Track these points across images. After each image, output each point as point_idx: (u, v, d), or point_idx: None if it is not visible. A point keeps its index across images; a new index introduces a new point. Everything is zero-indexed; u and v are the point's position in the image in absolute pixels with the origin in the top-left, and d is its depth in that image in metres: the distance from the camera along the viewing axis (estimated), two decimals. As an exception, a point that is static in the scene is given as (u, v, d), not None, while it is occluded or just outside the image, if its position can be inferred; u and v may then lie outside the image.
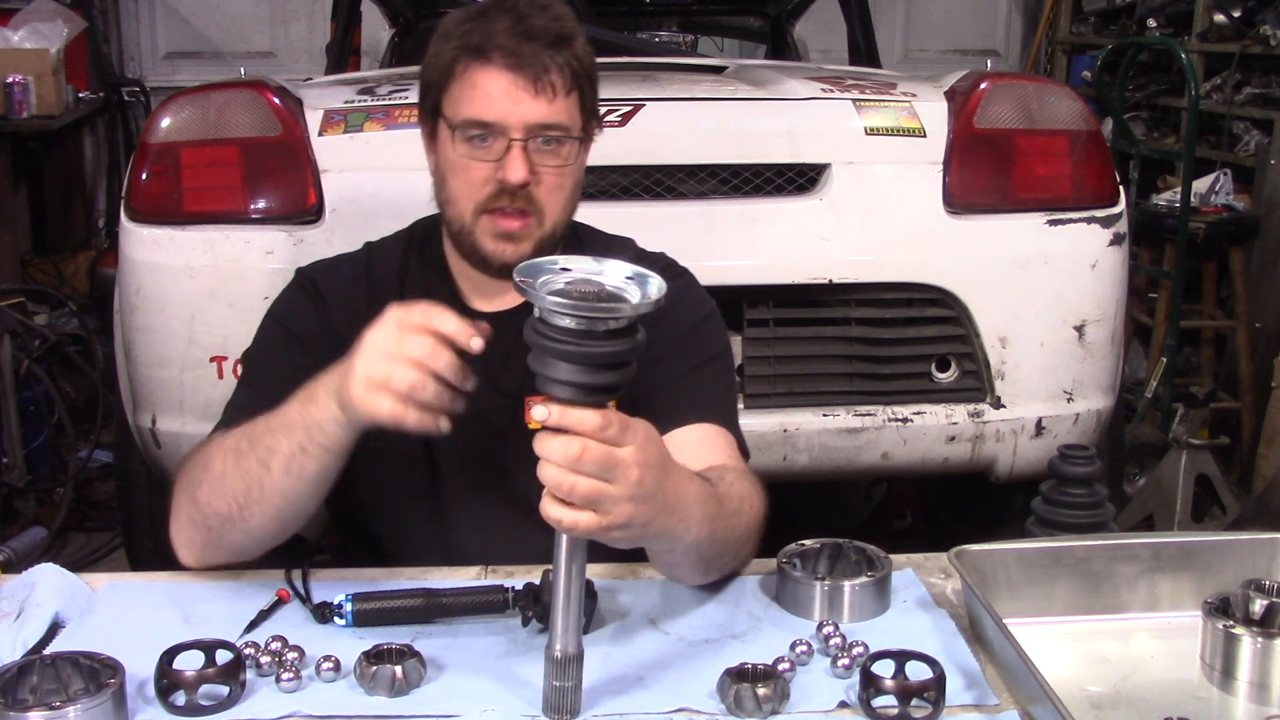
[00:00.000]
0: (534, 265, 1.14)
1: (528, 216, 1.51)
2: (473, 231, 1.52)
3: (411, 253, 1.66)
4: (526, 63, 1.46)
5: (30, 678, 1.18)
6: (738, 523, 1.38)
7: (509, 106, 1.47)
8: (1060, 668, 1.28)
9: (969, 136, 2.43)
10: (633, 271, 1.14)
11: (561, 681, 1.18)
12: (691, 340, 1.60)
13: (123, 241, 2.35)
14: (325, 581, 1.48)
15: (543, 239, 1.53)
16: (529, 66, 1.46)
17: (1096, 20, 6.21)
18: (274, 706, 1.22)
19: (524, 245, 1.52)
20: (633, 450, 1.13)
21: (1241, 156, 4.81)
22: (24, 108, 4.90)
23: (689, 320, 1.61)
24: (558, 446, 1.09)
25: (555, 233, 1.54)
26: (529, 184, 1.49)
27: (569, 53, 1.49)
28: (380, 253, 1.68)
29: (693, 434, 1.51)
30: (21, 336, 3.88)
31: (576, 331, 1.07)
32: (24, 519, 3.73)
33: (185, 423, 2.32)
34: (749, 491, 1.43)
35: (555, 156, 1.50)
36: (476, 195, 1.51)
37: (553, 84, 1.47)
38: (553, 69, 1.47)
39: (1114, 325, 2.47)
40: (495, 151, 1.48)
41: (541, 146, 1.49)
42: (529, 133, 1.48)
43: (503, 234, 1.51)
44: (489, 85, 1.47)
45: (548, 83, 1.47)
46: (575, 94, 1.50)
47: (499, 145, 1.48)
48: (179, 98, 2.38)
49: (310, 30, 6.68)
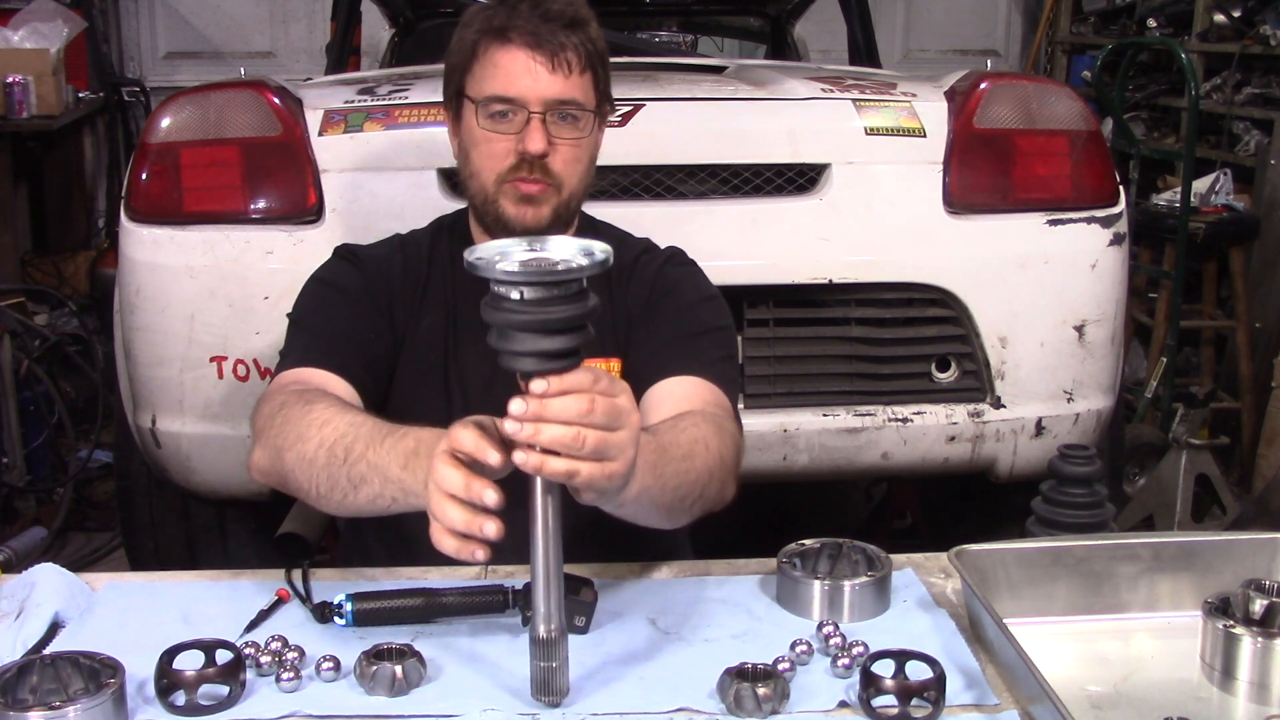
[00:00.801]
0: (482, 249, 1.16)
1: (546, 185, 1.62)
2: (496, 199, 1.63)
3: (441, 235, 1.78)
4: (544, 41, 1.58)
5: (30, 678, 1.18)
6: (689, 465, 1.40)
7: (529, 82, 1.59)
8: (1060, 668, 1.28)
9: (969, 136, 2.43)
10: (575, 244, 1.18)
11: (547, 662, 1.19)
12: (693, 312, 1.69)
13: (123, 241, 2.35)
14: (325, 581, 1.48)
15: (559, 206, 1.64)
16: (546, 44, 1.58)
17: (1096, 20, 6.21)
18: (274, 706, 1.22)
19: (543, 209, 1.63)
20: (626, 397, 1.19)
21: (1241, 156, 4.81)
22: (24, 108, 4.90)
23: (692, 297, 1.71)
24: (569, 405, 1.13)
25: (571, 203, 1.65)
26: (547, 155, 1.60)
27: (583, 34, 1.61)
28: (410, 237, 1.80)
29: (669, 385, 1.57)
30: (21, 336, 3.88)
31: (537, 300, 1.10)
32: (24, 519, 3.73)
33: (185, 423, 2.32)
34: (706, 434, 1.45)
35: (572, 129, 1.62)
36: (499, 166, 1.62)
37: (569, 61, 1.59)
38: (569, 48, 1.59)
39: (1114, 325, 2.47)
40: (516, 124, 1.60)
41: (559, 120, 1.60)
42: (547, 106, 1.59)
43: (523, 197, 1.62)
44: (510, 63, 1.59)
45: (564, 60, 1.59)
46: (589, 74, 1.62)
47: (519, 118, 1.60)
48: (179, 98, 2.38)
49: (310, 30, 6.68)
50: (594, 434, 1.15)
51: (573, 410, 1.13)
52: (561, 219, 1.66)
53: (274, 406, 1.48)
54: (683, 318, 1.67)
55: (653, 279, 1.71)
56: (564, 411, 1.13)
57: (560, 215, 1.65)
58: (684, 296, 1.70)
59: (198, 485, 2.39)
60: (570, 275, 1.12)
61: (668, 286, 1.71)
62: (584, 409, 1.14)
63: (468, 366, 1.68)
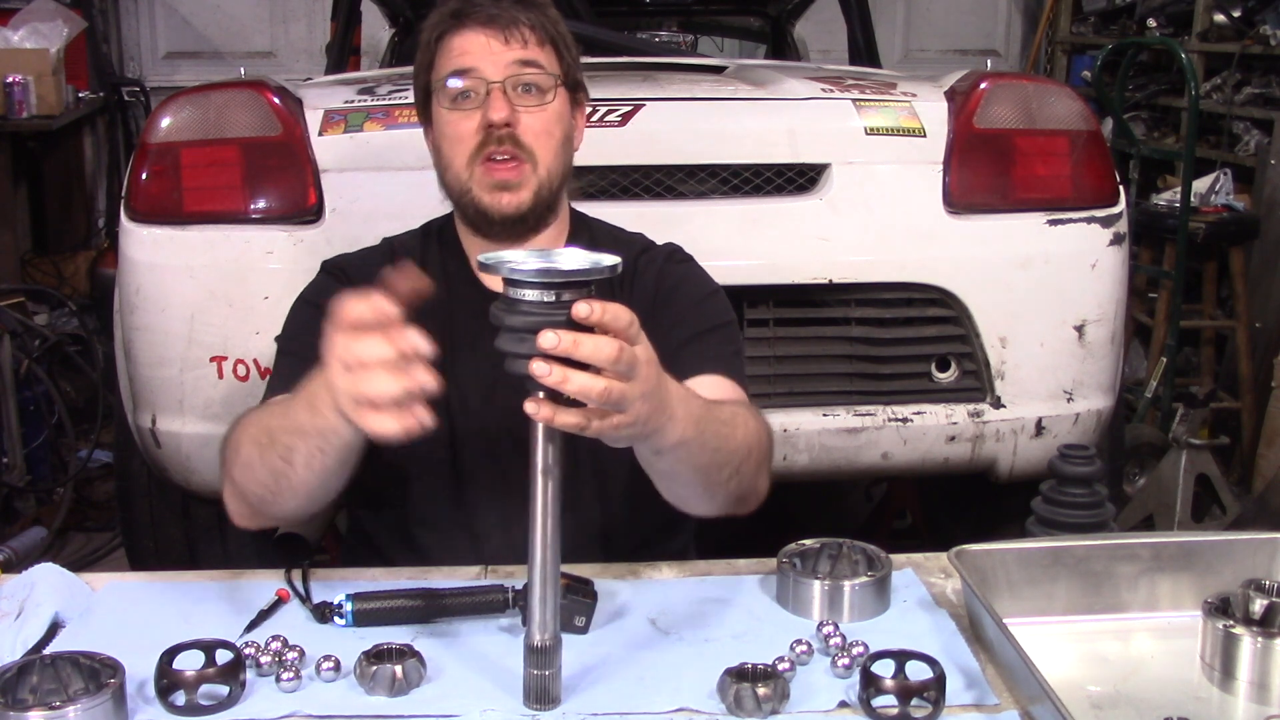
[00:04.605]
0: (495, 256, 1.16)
1: (520, 162, 1.57)
2: (470, 188, 1.59)
3: (430, 240, 1.73)
4: (498, 20, 1.58)
5: (30, 678, 1.18)
6: (730, 431, 1.39)
7: (484, 54, 1.57)
8: (1060, 668, 1.28)
9: (969, 136, 2.43)
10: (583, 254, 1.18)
11: (541, 670, 1.19)
12: (699, 310, 1.67)
13: (123, 241, 2.35)
14: (325, 581, 1.48)
15: (539, 187, 1.59)
16: (500, 20, 1.58)
17: (1096, 20, 6.21)
18: (274, 706, 1.22)
19: (521, 194, 1.58)
20: (643, 348, 1.17)
21: (1241, 156, 4.80)
22: (24, 108, 4.90)
23: (696, 294, 1.69)
24: (602, 346, 1.10)
25: (551, 182, 1.60)
26: (511, 124, 1.56)
27: (539, 14, 1.61)
28: (400, 242, 1.75)
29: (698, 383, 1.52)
30: (21, 336, 3.89)
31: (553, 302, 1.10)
32: (24, 519, 3.74)
33: (185, 423, 2.32)
34: (745, 414, 1.46)
35: (536, 97, 1.58)
36: (467, 148, 1.58)
37: (524, 35, 1.58)
38: (523, 23, 1.58)
39: (1114, 325, 2.47)
40: (478, 100, 1.57)
41: (521, 92, 1.58)
42: (505, 73, 1.57)
43: (498, 184, 1.57)
44: (465, 44, 1.58)
45: (519, 33, 1.58)
46: (550, 47, 1.61)
47: (480, 93, 1.57)
48: (179, 98, 2.38)
49: (310, 30, 6.67)
50: (619, 386, 1.12)
51: (604, 353, 1.10)
52: (543, 202, 1.60)
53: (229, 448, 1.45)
54: (690, 315, 1.65)
55: (656, 278, 1.70)
56: (595, 352, 1.10)
57: (541, 198, 1.59)
58: (689, 293, 1.69)
59: (198, 485, 2.39)
60: (586, 277, 1.12)
61: (672, 284, 1.69)
62: (613, 354, 1.11)
63: (466, 380, 1.61)
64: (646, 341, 1.19)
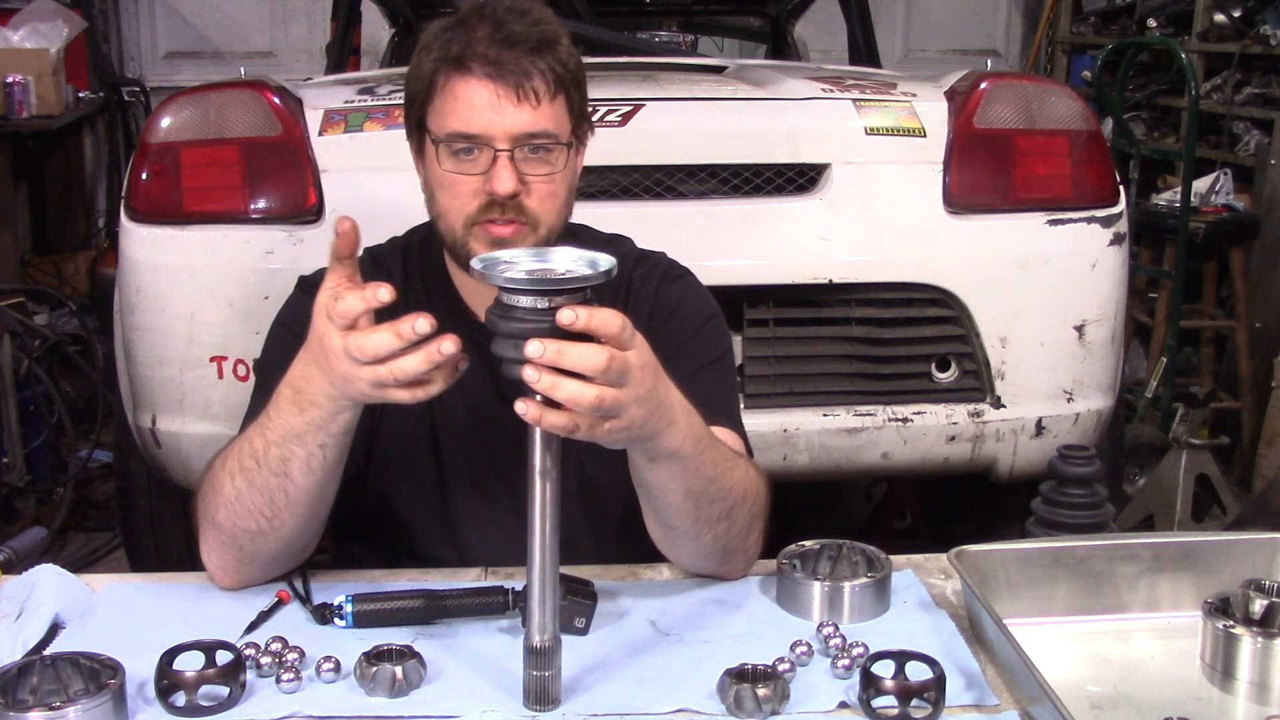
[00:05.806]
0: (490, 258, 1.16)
1: (521, 225, 1.47)
2: (466, 243, 1.49)
3: (411, 263, 1.65)
4: (508, 70, 1.43)
5: (30, 678, 1.18)
6: (727, 468, 1.37)
7: (492, 117, 1.44)
8: (1060, 668, 1.28)
9: (969, 136, 2.43)
10: (578, 254, 1.18)
11: (540, 671, 1.19)
12: (697, 341, 1.60)
13: (123, 241, 2.35)
14: (325, 582, 1.48)
15: (537, 243, 1.48)
16: (510, 74, 1.43)
17: (1096, 20, 6.21)
18: (274, 707, 1.22)
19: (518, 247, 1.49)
20: (636, 353, 1.16)
21: (1241, 156, 4.81)
22: (24, 108, 4.90)
23: (694, 321, 1.61)
24: (589, 355, 1.10)
25: (550, 237, 1.50)
26: (519, 194, 1.45)
27: (551, 57, 1.45)
28: (380, 258, 1.66)
29: None
30: (21, 336, 3.88)
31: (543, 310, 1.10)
32: (24, 519, 3.73)
33: (185, 423, 2.32)
34: (747, 464, 1.44)
35: (544, 164, 1.47)
36: (466, 209, 1.47)
37: (536, 90, 1.44)
38: (535, 75, 1.44)
39: (1114, 325, 2.47)
40: (482, 164, 1.45)
41: (529, 155, 1.46)
42: (514, 142, 1.44)
43: (495, 240, 1.47)
44: (471, 96, 1.44)
45: (530, 89, 1.43)
46: (561, 98, 1.47)
47: (485, 157, 1.45)
48: (179, 98, 2.38)
49: (310, 30, 6.67)
50: (610, 393, 1.12)
51: (591, 362, 1.10)
52: None
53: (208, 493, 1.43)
54: (686, 349, 1.55)
55: (652, 299, 1.62)
56: (582, 361, 1.10)
57: None
58: (686, 319, 1.60)
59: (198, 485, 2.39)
60: (580, 283, 1.12)
61: (668, 309, 1.61)
62: (601, 363, 1.10)
63: (454, 406, 1.53)
64: (643, 344, 1.18)
